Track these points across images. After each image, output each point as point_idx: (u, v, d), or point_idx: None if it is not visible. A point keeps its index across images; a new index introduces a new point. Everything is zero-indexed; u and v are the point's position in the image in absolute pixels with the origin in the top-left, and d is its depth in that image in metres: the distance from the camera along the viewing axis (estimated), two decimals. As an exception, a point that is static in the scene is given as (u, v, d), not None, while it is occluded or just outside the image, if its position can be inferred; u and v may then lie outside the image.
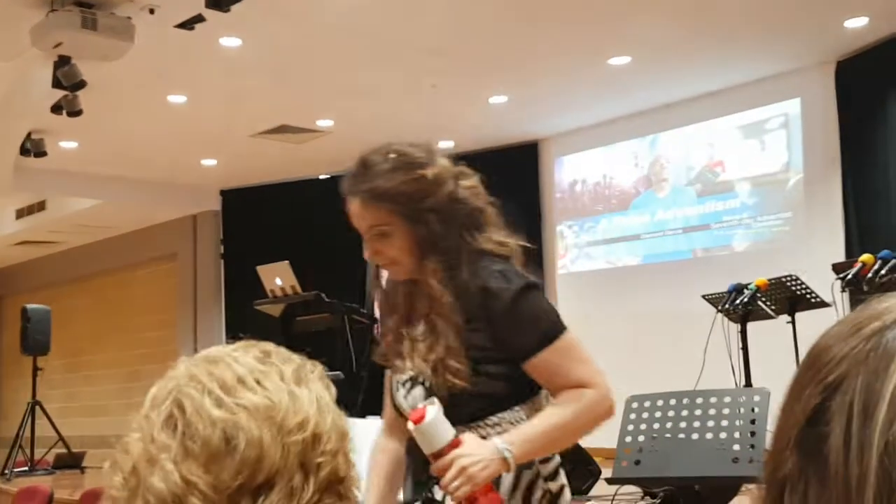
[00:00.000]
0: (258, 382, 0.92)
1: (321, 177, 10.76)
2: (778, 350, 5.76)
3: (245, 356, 0.96)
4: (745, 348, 5.73)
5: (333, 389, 0.97)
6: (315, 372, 0.97)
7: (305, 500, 0.89)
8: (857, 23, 6.94)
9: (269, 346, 1.00)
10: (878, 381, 0.62)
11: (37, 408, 8.77)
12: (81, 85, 6.14)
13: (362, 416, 4.00)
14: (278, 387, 0.92)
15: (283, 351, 0.99)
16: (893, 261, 5.03)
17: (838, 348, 0.66)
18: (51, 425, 9.06)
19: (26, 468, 8.24)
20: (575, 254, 9.63)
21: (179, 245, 12.08)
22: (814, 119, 7.90)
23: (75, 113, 6.95)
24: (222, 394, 0.92)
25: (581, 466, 5.17)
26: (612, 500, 4.01)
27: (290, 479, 0.89)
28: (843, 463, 0.61)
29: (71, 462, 8.66)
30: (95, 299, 13.58)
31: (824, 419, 0.63)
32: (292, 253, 8.02)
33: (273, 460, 0.89)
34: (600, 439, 6.70)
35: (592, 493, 5.06)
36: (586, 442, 6.10)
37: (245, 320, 9.68)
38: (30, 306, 8.73)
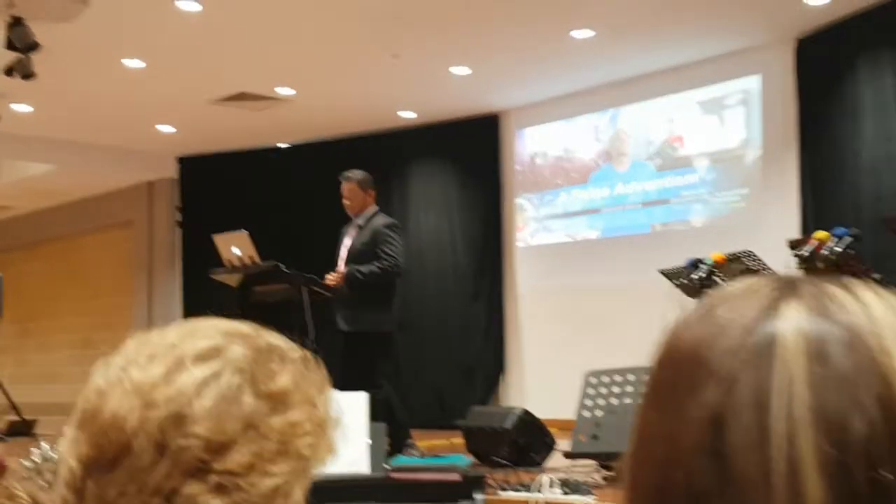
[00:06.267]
0: (152, 358, 0.88)
1: (281, 145, 10.67)
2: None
3: (178, 331, 0.92)
4: (700, 323, 5.77)
5: (276, 380, 0.89)
6: (229, 356, 0.88)
7: (153, 481, 0.82)
8: (817, 1, 6.98)
9: (232, 325, 0.94)
10: (764, 372, 0.62)
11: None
12: (35, 47, 6.01)
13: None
14: (162, 363, 0.87)
15: (234, 329, 0.93)
16: (847, 237, 5.09)
17: (722, 342, 0.64)
18: (2, 392, 8.97)
19: (-22, 436, 8.16)
20: (534, 227, 9.65)
21: (135, 212, 11.94)
22: (773, 96, 7.96)
23: (29, 76, 6.80)
24: (118, 367, 0.89)
25: (537, 438, 5.22)
26: (569, 472, 4.04)
27: (140, 458, 0.83)
28: (750, 456, 0.60)
29: (23, 429, 8.57)
30: (48, 265, 13.41)
31: (721, 420, 0.62)
32: (251, 221, 7.95)
33: (126, 434, 0.84)
34: (554, 410, 6.72)
35: (548, 464, 5.11)
36: (542, 413, 6.16)
37: (203, 289, 9.62)
38: (-19, 272, 8.59)
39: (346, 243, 6.36)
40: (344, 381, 5.32)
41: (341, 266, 6.25)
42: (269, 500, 0.86)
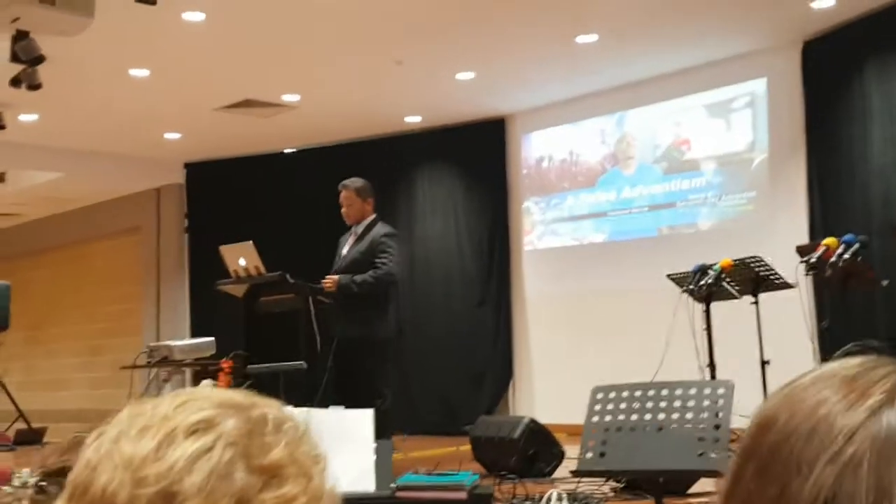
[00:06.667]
0: (144, 431, 0.86)
1: (287, 151, 10.67)
2: (741, 330, 5.81)
3: (171, 402, 0.89)
4: (708, 328, 5.77)
5: (272, 451, 0.86)
6: (222, 429, 0.86)
7: None
8: (823, 3, 6.95)
9: (226, 395, 0.91)
10: (888, 459, 0.60)
11: (-3, 383, 8.69)
12: (40, 60, 6.01)
13: (324, 401, 3.95)
14: (153, 436, 0.85)
15: (228, 400, 0.90)
16: (857, 244, 5.07)
17: (843, 420, 0.62)
18: (11, 400, 8.98)
19: (-14, 445, 8.17)
20: (541, 230, 9.63)
21: (142, 218, 11.95)
22: (780, 99, 7.93)
23: (35, 86, 6.80)
24: (110, 439, 0.87)
25: (546, 448, 5.20)
26: (577, 485, 4.03)
27: None
28: None
29: (32, 437, 8.59)
30: (56, 272, 13.42)
31: (835, 501, 0.60)
32: (258, 226, 7.94)
33: None
34: (563, 415, 6.72)
35: (556, 475, 5.10)
36: (550, 418, 6.13)
37: (210, 295, 9.67)
38: (-12, 281, 8.61)
39: (344, 251, 6.35)
40: (346, 391, 5.31)
41: (333, 278, 6.21)
42: None
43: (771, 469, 0.63)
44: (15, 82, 6.87)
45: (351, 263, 6.20)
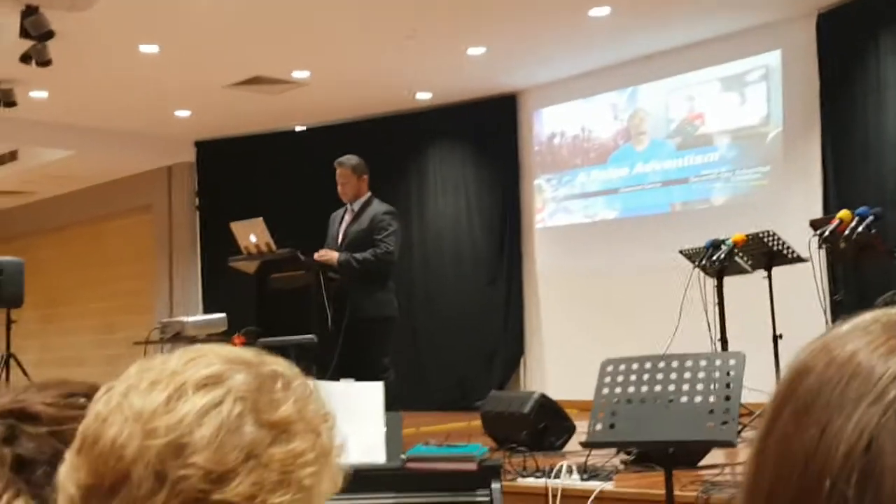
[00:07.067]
0: (154, 385, 0.86)
1: (297, 128, 10.65)
2: (753, 305, 5.77)
3: (180, 358, 0.90)
4: (720, 303, 5.74)
5: (282, 405, 0.86)
6: (231, 384, 0.86)
7: None
8: (838, -25, 6.88)
9: (235, 352, 0.91)
10: None
11: (11, 360, 8.70)
12: (49, 35, 6.01)
13: (336, 377, 3.95)
14: (163, 390, 0.86)
15: (237, 356, 0.90)
16: (870, 217, 5.03)
17: (885, 365, 0.62)
18: (26, 378, 9.01)
19: (1, 422, 8.21)
20: (553, 207, 9.59)
21: (154, 196, 11.97)
22: (794, 72, 7.85)
23: (45, 63, 6.81)
24: (119, 393, 0.87)
25: (556, 422, 5.20)
26: (587, 457, 4.02)
27: (138, 487, 0.81)
28: None
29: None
30: (69, 250, 13.47)
31: (879, 442, 0.60)
32: (268, 204, 7.94)
33: (125, 462, 0.82)
34: (574, 391, 6.73)
35: (566, 448, 5.10)
36: (561, 394, 6.11)
37: (222, 273, 9.66)
38: (1, 259, 8.61)
39: (342, 228, 6.36)
40: (352, 368, 5.32)
41: (333, 253, 6.19)
42: None
43: (810, 411, 0.63)
44: (25, 58, 6.88)
45: (353, 241, 6.20)
